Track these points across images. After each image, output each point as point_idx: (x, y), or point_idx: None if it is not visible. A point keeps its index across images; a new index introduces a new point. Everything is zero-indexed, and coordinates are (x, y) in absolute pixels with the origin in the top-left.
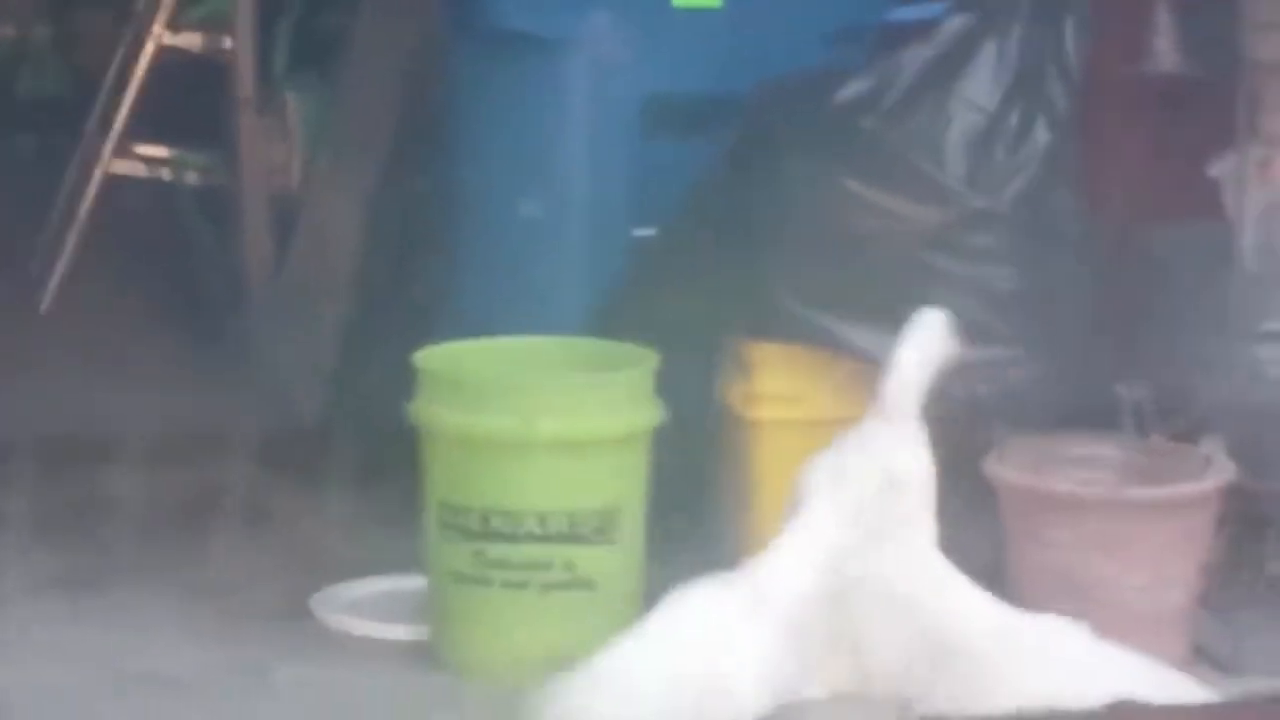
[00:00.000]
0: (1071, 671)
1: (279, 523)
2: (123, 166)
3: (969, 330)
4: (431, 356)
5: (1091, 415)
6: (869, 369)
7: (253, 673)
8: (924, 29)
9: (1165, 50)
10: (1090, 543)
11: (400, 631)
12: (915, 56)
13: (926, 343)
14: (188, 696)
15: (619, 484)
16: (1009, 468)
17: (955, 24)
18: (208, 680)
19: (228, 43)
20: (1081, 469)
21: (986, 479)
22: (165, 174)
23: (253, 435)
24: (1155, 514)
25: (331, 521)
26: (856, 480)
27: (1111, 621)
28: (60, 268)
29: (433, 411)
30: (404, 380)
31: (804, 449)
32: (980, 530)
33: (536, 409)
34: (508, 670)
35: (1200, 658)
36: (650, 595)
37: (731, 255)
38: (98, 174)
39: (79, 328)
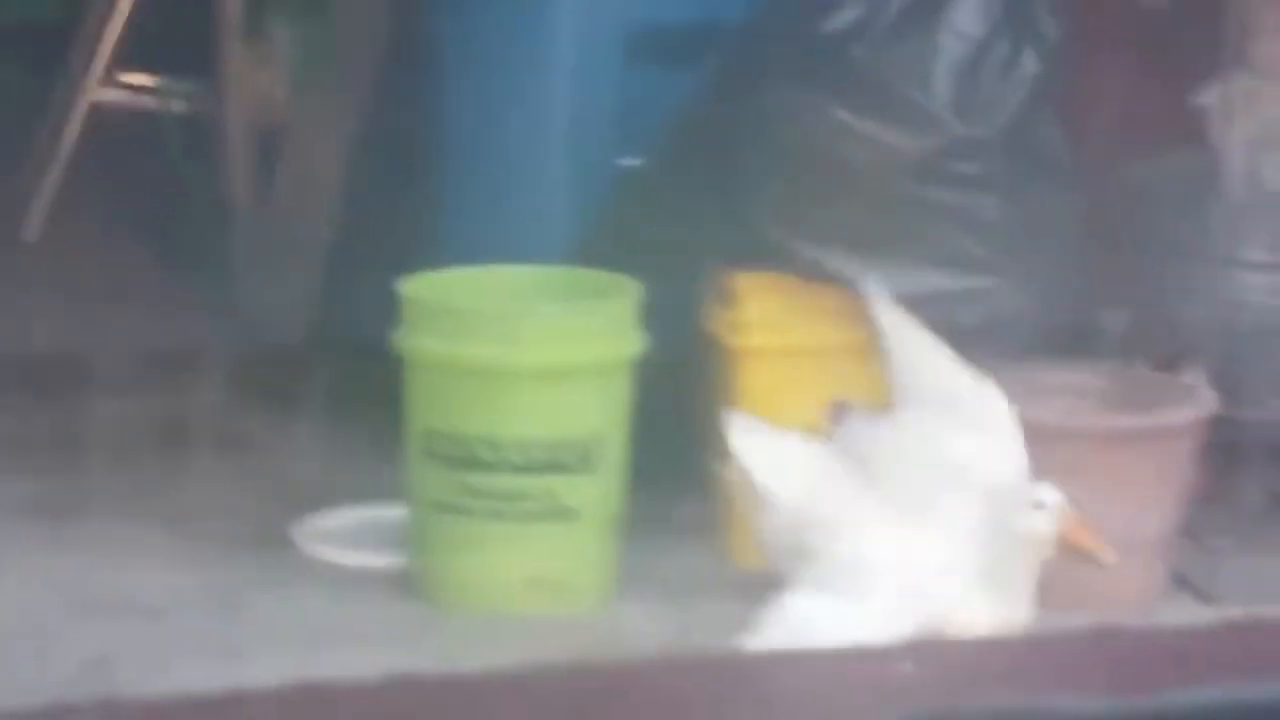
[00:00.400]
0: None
1: (259, 450)
2: (108, 95)
3: (950, 259)
4: (416, 285)
5: (1075, 344)
6: (854, 297)
7: (230, 600)
8: None
9: None
10: (1070, 471)
11: (380, 560)
12: None
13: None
14: (164, 623)
15: (602, 413)
16: None
17: None
18: (184, 607)
19: None
20: (1063, 397)
21: None
22: (151, 102)
23: (234, 362)
24: (1137, 443)
25: (312, 450)
26: None
27: None
28: (45, 196)
29: (416, 340)
30: (387, 309)
31: (788, 377)
32: None
33: (520, 338)
34: (489, 599)
35: (1180, 586)
36: (632, 525)
37: (716, 184)
38: (83, 102)
39: (63, 256)
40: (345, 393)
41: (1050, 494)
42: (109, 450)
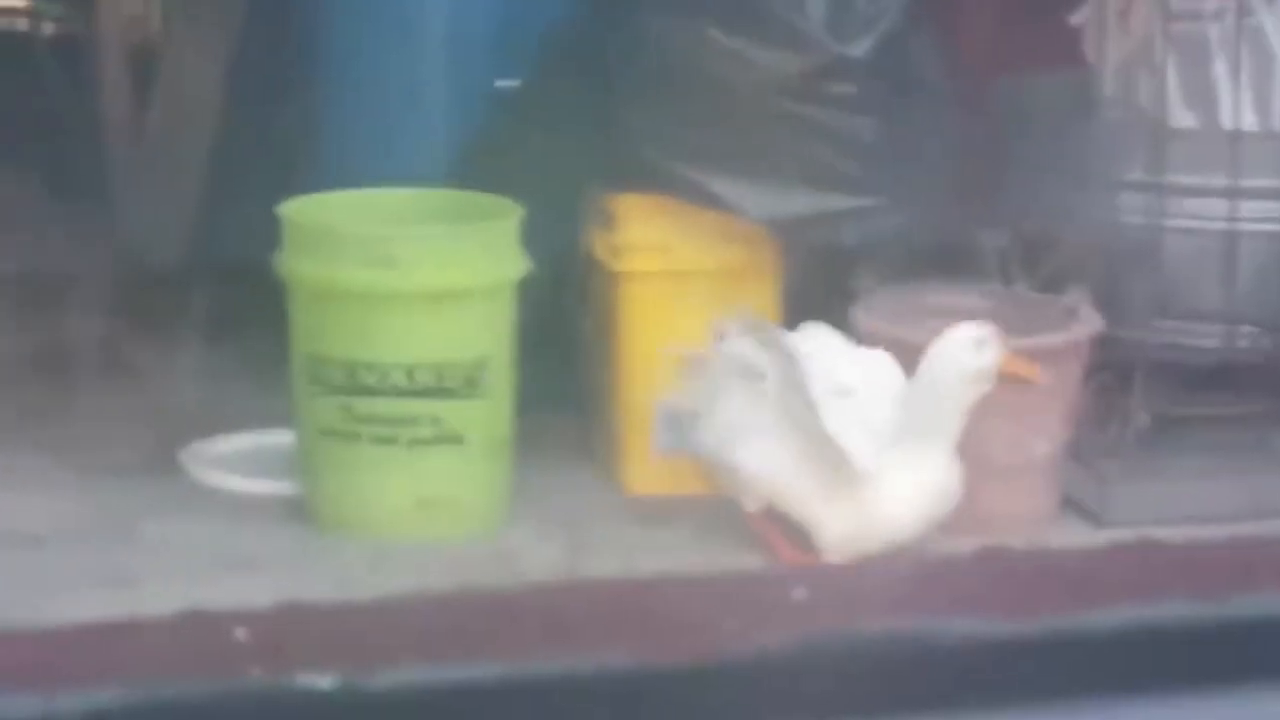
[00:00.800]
0: None
1: (142, 377)
2: None
3: (827, 179)
4: (295, 207)
5: (956, 265)
6: (732, 219)
7: (120, 527)
8: None
9: None
10: None
11: (270, 486)
12: None
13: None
14: (56, 552)
15: (486, 336)
16: (874, 317)
17: None
18: (72, 536)
19: None
20: (945, 319)
21: (852, 329)
22: (22, 24)
23: (114, 288)
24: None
25: (196, 375)
26: None
27: (978, 474)
28: None
29: (297, 263)
30: (266, 233)
31: (669, 299)
32: None
33: (401, 260)
34: (378, 524)
35: (1069, 509)
36: (518, 447)
37: (593, 105)
38: None
39: None
40: (229, 317)
41: (984, 330)
42: None
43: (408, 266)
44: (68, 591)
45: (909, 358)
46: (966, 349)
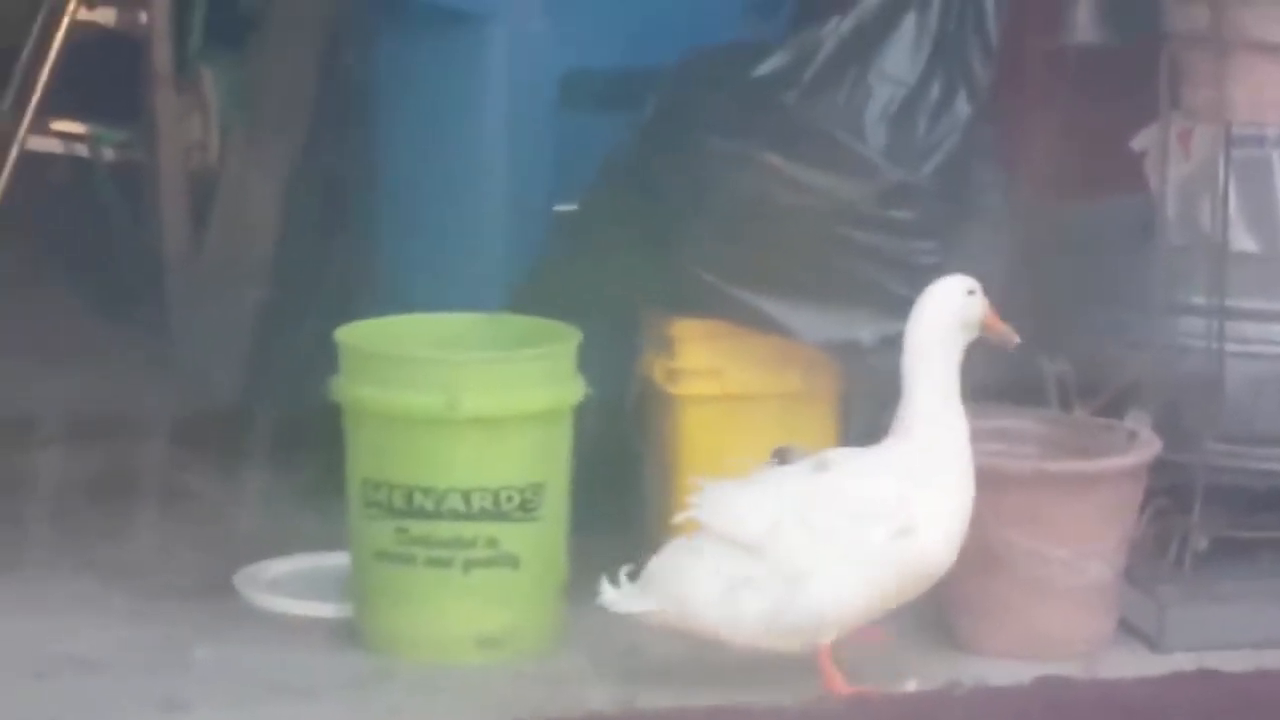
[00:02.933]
0: None
1: (199, 502)
2: (39, 143)
3: (887, 304)
4: (353, 332)
5: (1015, 389)
6: (790, 343)
7: (175, 651)
8: (843, 1)
9: (1084, 22)
10: (1014, 517)
11: (323, 609)
12: (835, 29)
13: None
14: (110, 677)
15: (542, 460)
16: None
17: None
18: (129, 660)
19: (143, 18)
20: (1003, 442)
21: None
22: (82, 150)
23: (171, 414)
24: (1079, 488)
25: (251, 500)
26: None
27: (1036, 596)
28: None
29: (354, 388)
30: (323, 358)
31: (726, 424)
32: None
33: (459, 385)
34: (432, 647)
35: (1126, 632)
36: (574, 571)
37: (652, 230)
38: (14, 150)
39: None
40: (284, 442)
41: (970, 281)
42: (47, 505)
43: (464, 392)
44: (120, 717)
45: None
46: (957, 294)
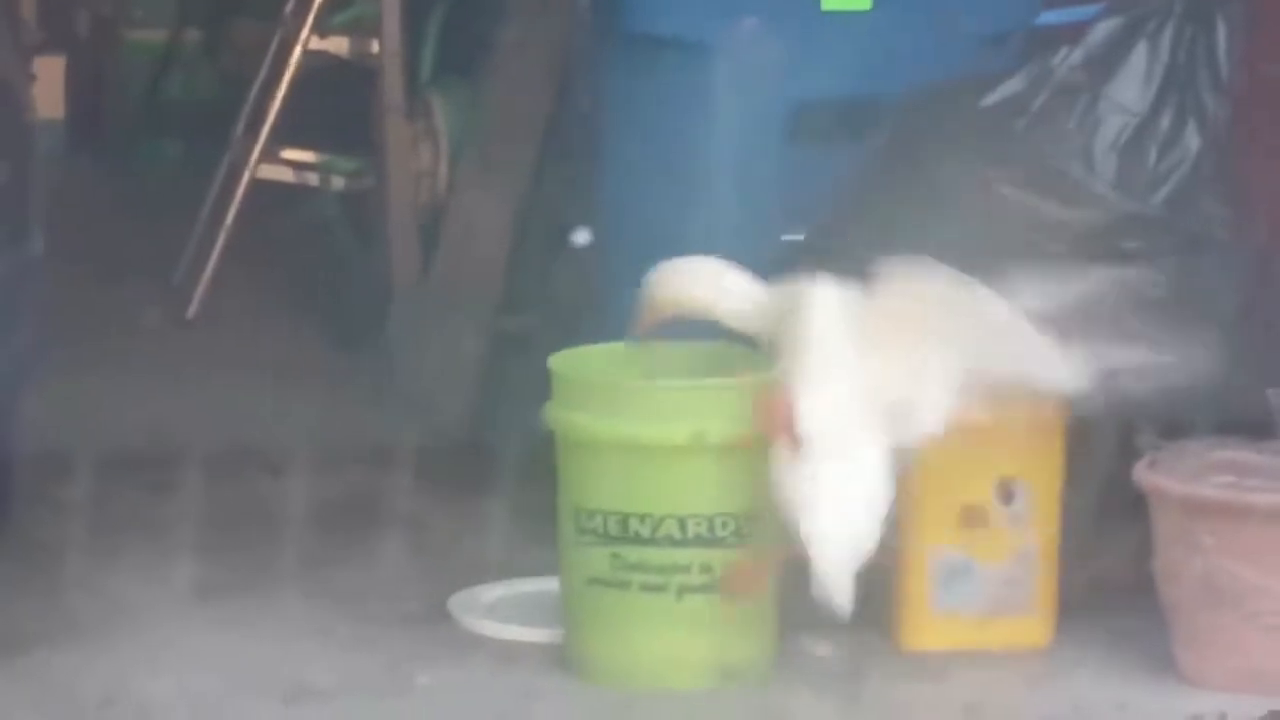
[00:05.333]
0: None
1: (422, 528)
2: (270, 171)
3: (1120, 334)
4: (565, 360)
5: (1242, 422)
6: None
7: (396, 678)
8: (1074, 31)
9: None
10: (1242, 550)
11: (538, 635)
12: (1065, 59)
13: None
14: (332, 704)
15: (754, 486)
16: (1162, 474)
17: (1106, 26)
18: (351, 687)
19: (375, 47)
20: (1232, 475)
21: (1138, 485)
22: (312, 179)
23: (397, 441)
24: None
25: (474, 526)
26: None
27: (1260, 629)
28: (207, 274)
29: (567, 416)
30: (548, 387)
31: (952, 452)
32: (1130, 539)
33: (673, 414)
34: (644, 674)
35: None
36: (782, 597)
37: (881, 260)
38: (245, 178)
39: (225, 335)
40: (510, 469)
41: None
42: (272, 531)
43: (678, 419)
44: None
45: (1194, 514)
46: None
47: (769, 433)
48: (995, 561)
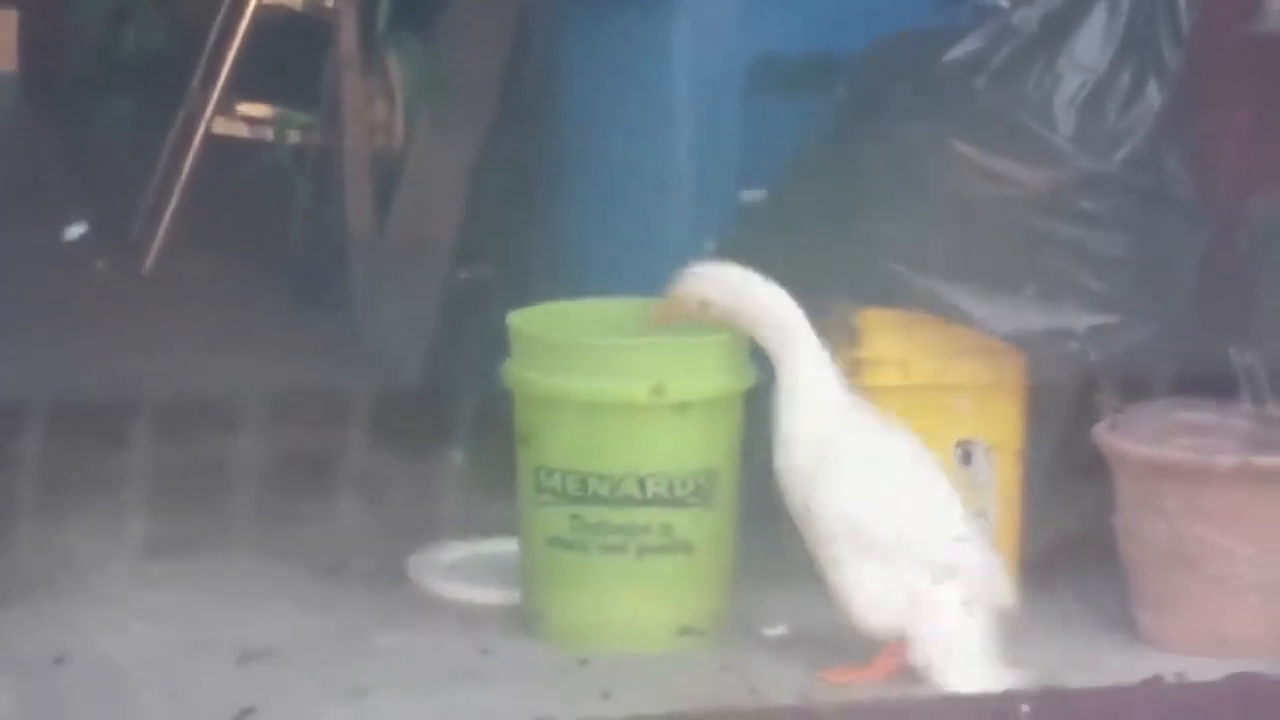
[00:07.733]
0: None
1: (378, 486)
2: (225, 125)
3: (1077, 295)
4: (524, 317)
5: (1203, 382)
6: (978, 334)
7: (352, 638)
8: None
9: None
10: (1205, 512)
11: (497, 596)
12: (1025, 16)
13: None
14: (287, 663)
15: (716, 446)
16: (1123, 436)
17: None
18: (306, 646)
19: (330, 1)
20: (1194, 437)
21: (1098, 447)
22: (267, 133)
23: (354, 397)
24: (1270, 483)
25: (431, 484)
26: None
27: (1222, 593)
28: (162, 228)
29: (525, 373)
30: (506, 342)
31: (911, 415)
32: (1090, 499)
33: (632, 371)
34: (604, 634)
35: None
36: (742, 559)
37: (839, 218)
38: (200, 133)
39: (181, 289)
40: (466, 426)
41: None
42: (226, 488)
43: (638, 377)
44: (313, 707)
45: (1157, 476)
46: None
47: None
48: None
